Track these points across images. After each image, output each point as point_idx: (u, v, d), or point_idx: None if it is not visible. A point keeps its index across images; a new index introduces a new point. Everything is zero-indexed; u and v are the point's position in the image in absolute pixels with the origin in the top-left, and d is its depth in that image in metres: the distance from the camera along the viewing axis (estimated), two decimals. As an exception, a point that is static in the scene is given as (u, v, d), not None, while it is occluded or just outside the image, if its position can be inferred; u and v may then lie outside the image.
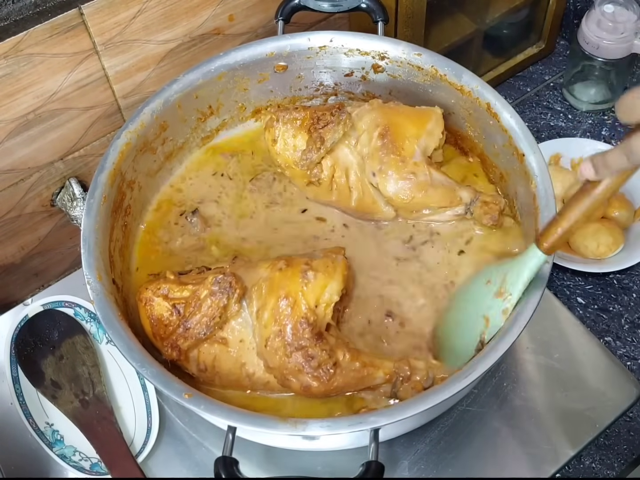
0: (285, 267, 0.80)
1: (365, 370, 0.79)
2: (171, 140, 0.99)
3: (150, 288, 0.82)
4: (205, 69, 0.97)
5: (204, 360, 0.81)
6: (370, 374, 0.79)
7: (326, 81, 1.04)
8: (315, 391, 0.78)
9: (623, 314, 1.09)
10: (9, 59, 0.92)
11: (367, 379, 0.80)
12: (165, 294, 0.81)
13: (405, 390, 0.79)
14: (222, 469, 0.69)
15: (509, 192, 0.93)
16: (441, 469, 0.88)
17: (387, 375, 0.80)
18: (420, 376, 0.79)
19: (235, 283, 0.79)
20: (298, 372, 0.77)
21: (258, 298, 0.80)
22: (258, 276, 0.82)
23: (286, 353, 0.77)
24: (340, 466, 0.87)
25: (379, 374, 0.80)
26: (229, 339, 0.81)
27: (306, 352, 0.77)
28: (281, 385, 0.80)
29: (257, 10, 1.12)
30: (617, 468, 0.95)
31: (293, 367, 0.77)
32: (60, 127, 1.03)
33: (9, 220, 1.08)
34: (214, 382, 0.83)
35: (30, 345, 0.94)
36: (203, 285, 0.80)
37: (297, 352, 0.77)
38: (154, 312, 0.81)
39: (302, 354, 0.77)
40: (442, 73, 0.95)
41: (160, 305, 0.81)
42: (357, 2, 1.01)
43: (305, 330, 0.77)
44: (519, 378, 0.94)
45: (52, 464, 0.90)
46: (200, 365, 0.82)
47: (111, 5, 0.96)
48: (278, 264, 0.81)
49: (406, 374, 0.79)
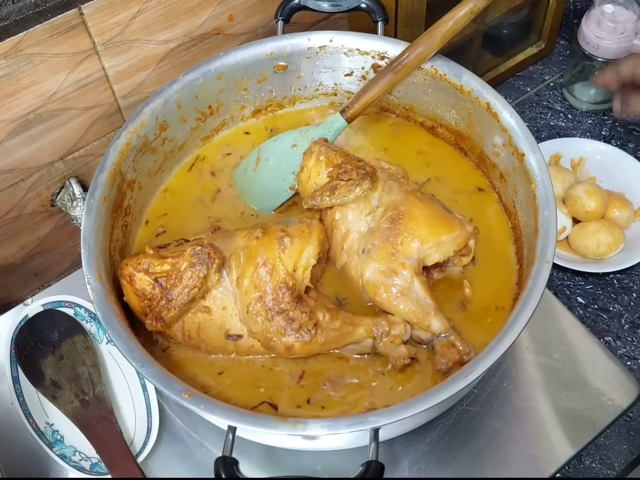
0: (261, 235, 0.83)
1: (344, 328, 0.82)
2: (171, 140, 0.99)
3: (131, 264, 0.84)
4: (205, 69, 0.97)
5: (189, 329, 0.84)
6: (350, 332, 0.82)
7: (326, 81, 1.04)
8: (298, 351, 0.81)
9: (623, 314, 1.09)
10: (9, 59, 0.92)
11: (347, 336, 0.82)
12: (146, 268, 0.83)
13: (385, 345, 0.82)
14: (222, 468, 0.69)
15: (508, 192, 0.93)
16: (441, 469, 0.88)
17: (367, 332, 0.82)
18: (398, 330, 0.82)
19: (214, 254, 0.82)
20: (280, 334, 0.80)
21: (237, 266, 0.83)
22: (236, 245, 0.84)
23: (267, 317, 0.80)
24: (340, 466, 0.87)
25: (359, 331, 0.82)
26: (211, 307, 0.83)
27: (287, 315, 0.80)
28: (265, 347, 0.83)
29: (257, 10, 1.12)
30: (617, 468, 0.95)
31: (275, 330, 0.80)
32: (60, 127, 1.03)
33: (9, 220, 1.08)
34: (200, 348, 0.85)
35: (30, 345, 0.94)
36: (182, 257, 0.82)
37: (278, 315, 0.80)
38: (137, 288, 0.83)
39: (283, 317, 0.80)
40: (442, 73, 0.95)
41: (142, 280, 0.83)
42: (357, 2, 1.01)
43: (285, 295, 0.81)
44: (519, 378, 0.94)
45: (52, 464, 0.90)
46: (186, 334, 0.84)
47: (111, 5, 0.96)
48: (255, 232, 0.84)
49: (384, 329, 0.82)
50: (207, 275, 0.81)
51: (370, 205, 0.88)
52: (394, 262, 0.84)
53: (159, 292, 0.82)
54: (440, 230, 0.84)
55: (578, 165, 1.23)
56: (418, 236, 0.84)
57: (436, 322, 0.82)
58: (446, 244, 0.84)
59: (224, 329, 0.84)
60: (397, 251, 0.84)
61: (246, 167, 1.00)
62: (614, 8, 1.19)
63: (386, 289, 0.83)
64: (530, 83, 1.38)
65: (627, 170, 1.20)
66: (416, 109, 1.02)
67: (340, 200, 0.87)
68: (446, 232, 0.84)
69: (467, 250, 0.87)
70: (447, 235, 0.84)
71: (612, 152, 1.22)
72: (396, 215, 0.85)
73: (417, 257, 0.84)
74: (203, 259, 0.81)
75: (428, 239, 0.84)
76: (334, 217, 0.89)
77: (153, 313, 0.82)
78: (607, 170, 1.21)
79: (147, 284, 0.82)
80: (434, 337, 0.83)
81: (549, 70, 1.40)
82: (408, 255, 0.84)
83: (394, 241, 0.84)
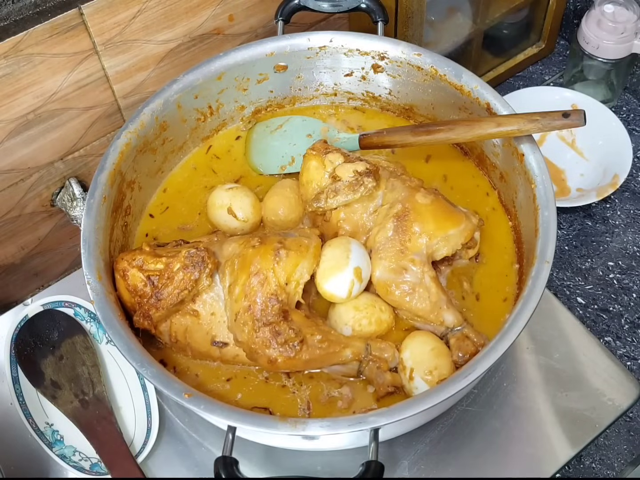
0: (258, 244, 0.83)
1: (331, 348, 0.81)
2: (171, 141, 0.99)
3: (126, 259, 0.84)
4: (205, 69, 0.97)
5: (176, 330, 0.84)
6: (336, 352, 0.81)
7: (326, 81, 1.04)
8: (281, 366, 0.80)
9: (623, 314, 1.09)
10: (9, 59, 0.92)
11: (333, 356, 0.81)
12: (140, 265, 0.83)
13: (370, 369, 0.81)
14: (222, 468, 0.69)
15: (509, 192, 0.93)
16: (441, 469, 0.88)
17: (354, 354, 0.81)
18: (388, 354, 0.81)
19: (208, 258, 0.81)
20: (265, 346, 0.80)
21: (231, 273, 0.83)
22: (232, 252, 0.84)
23: (254, 328, 0.80)
24: (340, 466, 0.87)
25: (346, 352, 0.81)
26: (200, 311, 0.83)
27: (274, 328, 0.79)
28: (249, 358, 0.82)
29: (257, 10, 1.12)
30: (617, 468, 0.95)
31: (260, 341, 0.80)
32: (60, 127, 1.03)
33: (9, 220, 1.08)
34: (185, 352, 0.85)
35: (30, 345, 0.94)
36: (176, 258, 0.81)
37: (265, 327, 0.80)
38: (129, 283, 0.83)
39: (269, 330, 0.79)
40: (441, 73, 0.95)
41: (134, 276, 0.83)
42: (357, 2, 1.01)
43: (274, 307, 0.80)
44: (519, 378, 0.94)
45: (52, 464, 0.90)
46: (172, 335, 0.84)
47: (111, 5, 0.95)
48: (252, 240, 0.84)
49: (374, 354, 0.81)
50: (198, 279, 0.81)
51: (375, 204, 0.88)
52: (403, 259, 0.83)
53: (149, 290, 0.82)
54: (446, 224, 0.84)
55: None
56: (425, 232, 0.84)
57: (449, 316, 0.83)
58: (453, 238, 0.85)
59: (210, 335, 0.83)
60: (406, 248, 0.84)
61: (268, 126, 1.02)
62: (614, 8, 1.19)
63: (397, 287, 0.83)
64: (530, 83, 1.38)
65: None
66: (416, 109, 1.02)
67: (344, 200, 0.86)
68: (452, 225, 0.85)
69: (473, 243, 0.88)
70: (454, 228, 0.85)
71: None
72: (402, 212, 0.85)
73: (426, 252, 0.84)
74: (196, 262, 0.81)
75: (435, 233, 0.84)
76: (338, 218, 0.88)
77: (141, 310, 0.82)
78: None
79: (139, 281, 0.82)
80: (448, 330, 0.83)
81: (549, 70, 1.40)
82: (417, 251, 0.84)
83: (402, 238, 0.84)
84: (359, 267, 0.83)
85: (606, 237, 1.17)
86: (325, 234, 0.90)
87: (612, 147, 1.21)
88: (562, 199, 1.17)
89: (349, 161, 0.89)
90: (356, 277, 0.83)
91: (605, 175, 1.19)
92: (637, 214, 1.19)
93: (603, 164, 1.21)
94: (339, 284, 0.83)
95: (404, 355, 0.82)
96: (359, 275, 0.83)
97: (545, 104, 1.25)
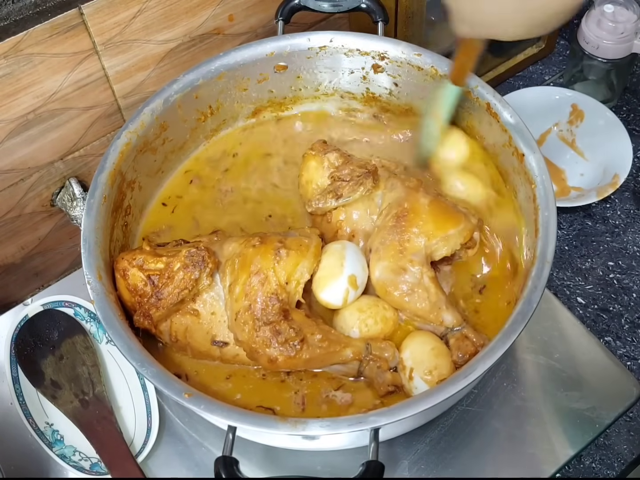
0: (259, 243, 0.83)
1: (332, 347, 0.81)
2: (171, 141, 0.99)
3: (126, 258, 0.84)
4: (205, 69, 0.97)
5: (176, 330, 0.84)
6: (337, 352, 0.81)
7: (326, 81, 1.04)
8: (281, 365, 0.80)
9: (623, 314, 1.09)
10: (9, 59, 0.92)
11: (334, 356, 0.81)
12: (140, 264, 0.83)
13: (371, 369, 0.81)
14: (222, 468, 0.69)
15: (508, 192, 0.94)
16: (441, 469, 0.88)
17: (354, 354, 0.81)
18: (388, 354, 0.81)
19: (208, 257, 0.81)
20: (265, 346, 0.80)
21: (231, 273, 0.83)
22: (232, 251, 0.84)
23: (254, 327, 0.80)
24: (340, 466, 0.87)
25: (346, 352, 0.81)
26: (200, 311, 0.83)
27: (274, 327, 0.79)
28: (249, 358, 0.82)
29: (257, 10, 1.12)
30: (617, 468, 0.95)
31: (260, 341, 0.80)
32: (60, 127, 1.03)
33: (9, 220, 1.08)
34: (186, 352, 0.85)
35: (30, 345, 0.94)
36: (177, 258, 0.81)
37: (265, 326, 0.79)
38: (129, 283, 0.83)
39: (270, 329, 0.79)
40: (442, 73, 0.95)
41: (135, 275, 0.83)
42: (357, 2, 1.01)
43: (275, 306, 0.80)
44: (519, 378, 0.94)
45: (52, 464, 0.90)
46: (173, 334, 0.84)
47: (111, 5, 0.96)
48: (252, 240, 0.83)
49: (375, 353, 0.81)
50: (199, 278, 0.81)
51: (374, 204, 0.88)
52: (402, 260, 0.83)
53: (150, 290, 0.82)
54: (445, 224, 0.84)
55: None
56: (424, 232, 0.84)
57: (448, 316, 0.83)
58: (453, 238, 0.85)
59: (210, 334, 0.83)
60: (405, 248, 0.83)
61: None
62: (614, 8, 1.19)
63: (396, 287, 0.83)
64: (530, 83, 1.38)
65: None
66: (416, 109, 1.02)
67: (344, 201, 0.86)
68: (452, 226, 0.84)
69: (473, 243, 0.87)
70: (453, 229, 0.84)
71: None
72: (401, 212, 0.85)
73: (425, 252, 0.84)
74: (197, 261, 0.81)
75: (435, 234, 0.84)
76: (338, 218, 0.88)
77: (142, 310, 0.82)
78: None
79: (139, 280, 0.82)
80: (448, 330, 0.83)
81: (549, 70, 1.40)
82: (416, 251, 0.83)
83: (401, 238, 0.84)
84: (353, 275, 0.83)
85: (606, 237, 1.17)
86: (325, 233, 0.90)
87: (612, 147, 1.21)
88: (562, 199, 1.17)
89: (348, 161, 0.89)
90: (350, 285, 0.83)
91: (605, 175, 1.19)
92: (637, 214, 1.19)
93: (603, 164, 1.21)
94: (333, 293, 0.83)
95: (403, 355, 0.82)
96: (354, 282, 0.83)
97: (545, 104, 1.26)
